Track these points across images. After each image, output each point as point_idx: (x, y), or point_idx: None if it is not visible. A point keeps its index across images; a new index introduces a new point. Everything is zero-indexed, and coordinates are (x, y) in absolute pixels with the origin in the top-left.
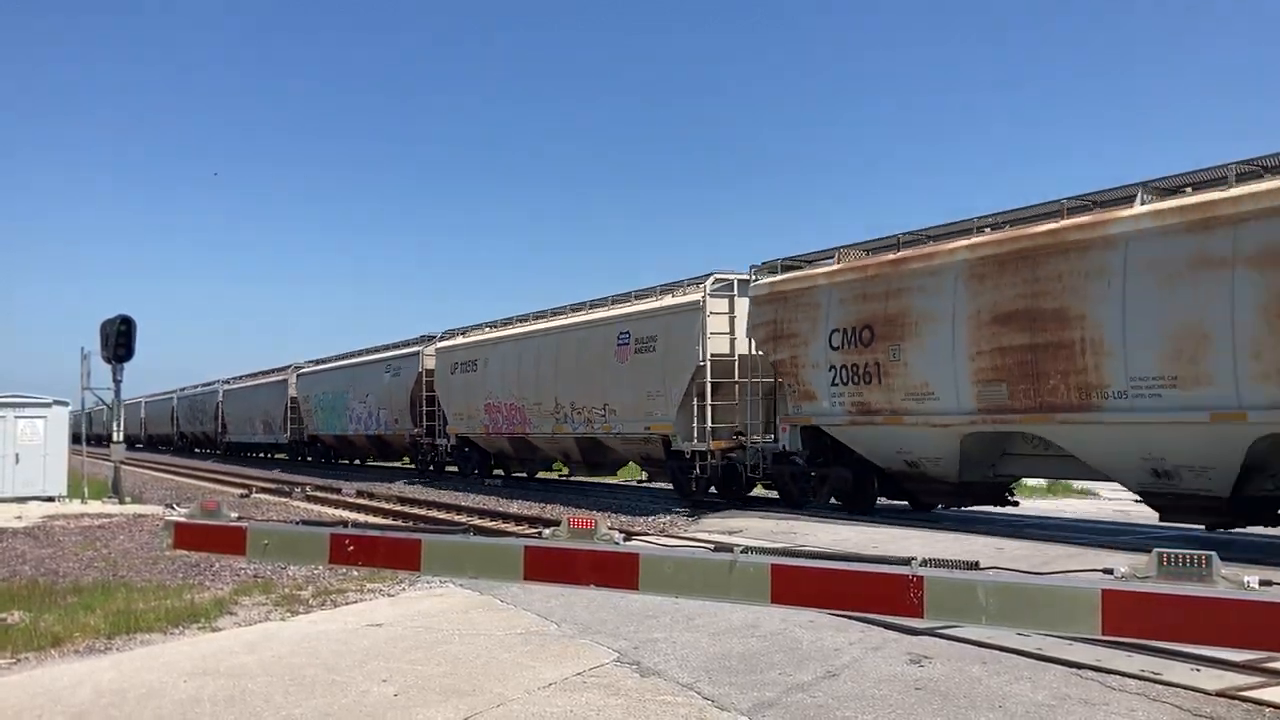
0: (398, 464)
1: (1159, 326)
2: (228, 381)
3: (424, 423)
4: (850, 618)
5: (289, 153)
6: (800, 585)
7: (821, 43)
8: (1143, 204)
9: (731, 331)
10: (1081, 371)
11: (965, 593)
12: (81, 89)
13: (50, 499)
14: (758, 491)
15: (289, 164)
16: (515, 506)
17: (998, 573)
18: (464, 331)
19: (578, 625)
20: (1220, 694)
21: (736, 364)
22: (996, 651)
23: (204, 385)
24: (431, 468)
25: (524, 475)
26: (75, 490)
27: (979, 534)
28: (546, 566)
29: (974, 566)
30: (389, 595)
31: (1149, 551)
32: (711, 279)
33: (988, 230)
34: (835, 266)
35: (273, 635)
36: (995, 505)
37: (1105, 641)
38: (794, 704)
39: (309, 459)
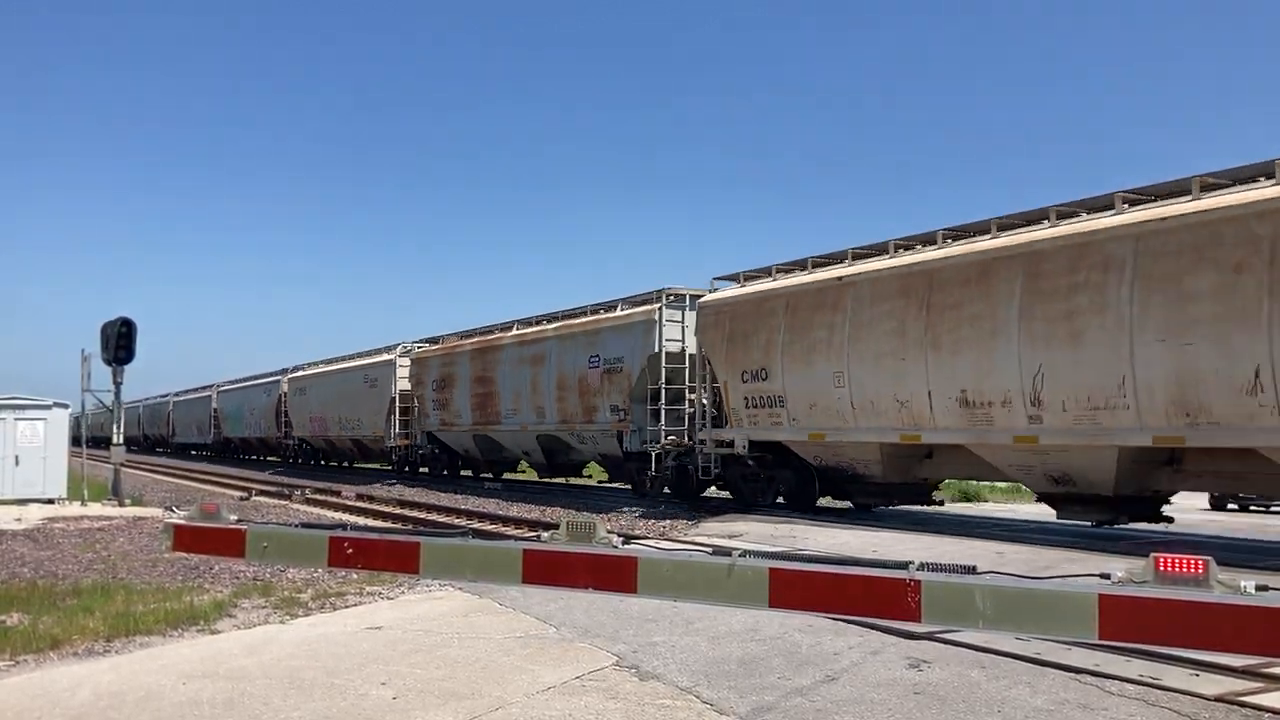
0: (273, 458)
1: (515, 386)
2: (176, 394)
3: (283, 428)
4: (849, 622)
5: (289, 153)
6: (798, 589)
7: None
8: (516, 330)
9: (412, 377)
10: (495, 405)
11: (963, 597)
12: (81, 89)
13: (50, 501)
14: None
15: (288, 165)
16: (515, 510)
17: (995, 577)
18: (304, 366)
19: (577, 629)
20: (1219, 699)
21: (414, 396)
22: (995, 656)
23: (160, 396)
24: (290, 460)
25: (346, 465)
26: (75, 492)
27: (979, 538)
28: (545, 569)
29: (971, 570)
30: (388, 598)
31: (1147, 556)
32: (399, 347)
33: (478, 336)
34: (438, 346)
35: (272, 638)
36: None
37: (1104, 646)
38: (793, 708)
39: (226, 454)
